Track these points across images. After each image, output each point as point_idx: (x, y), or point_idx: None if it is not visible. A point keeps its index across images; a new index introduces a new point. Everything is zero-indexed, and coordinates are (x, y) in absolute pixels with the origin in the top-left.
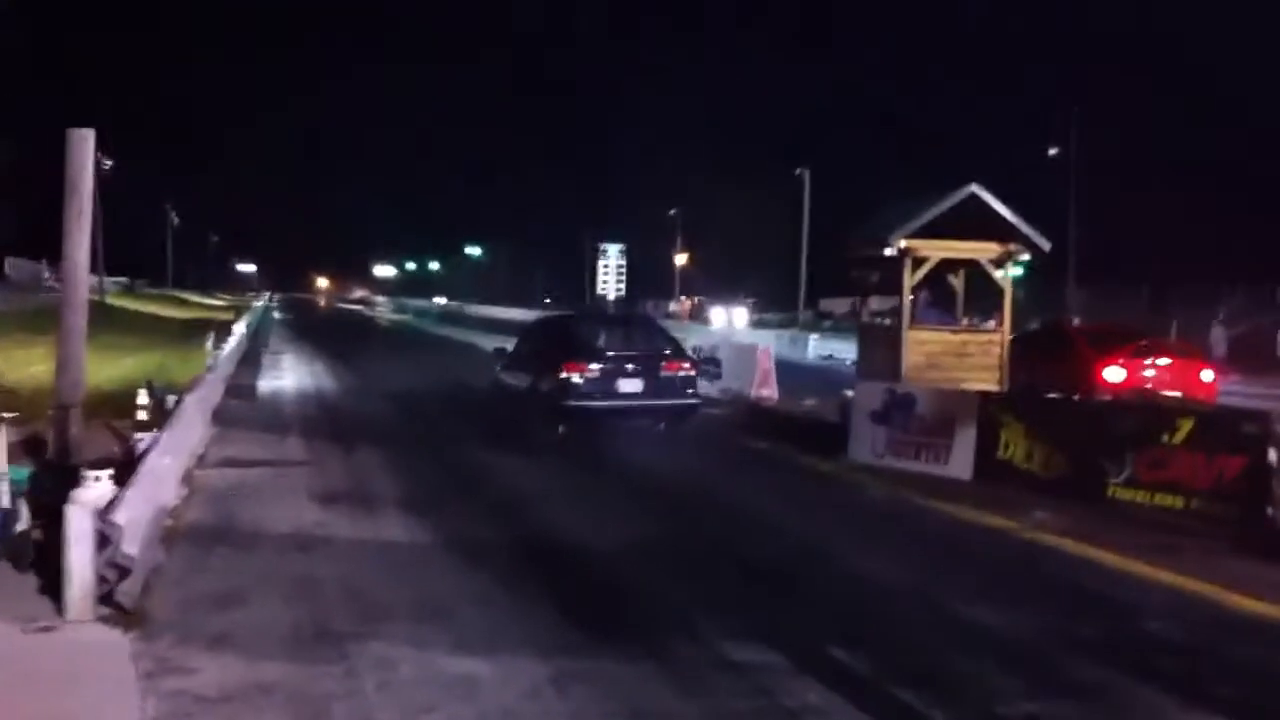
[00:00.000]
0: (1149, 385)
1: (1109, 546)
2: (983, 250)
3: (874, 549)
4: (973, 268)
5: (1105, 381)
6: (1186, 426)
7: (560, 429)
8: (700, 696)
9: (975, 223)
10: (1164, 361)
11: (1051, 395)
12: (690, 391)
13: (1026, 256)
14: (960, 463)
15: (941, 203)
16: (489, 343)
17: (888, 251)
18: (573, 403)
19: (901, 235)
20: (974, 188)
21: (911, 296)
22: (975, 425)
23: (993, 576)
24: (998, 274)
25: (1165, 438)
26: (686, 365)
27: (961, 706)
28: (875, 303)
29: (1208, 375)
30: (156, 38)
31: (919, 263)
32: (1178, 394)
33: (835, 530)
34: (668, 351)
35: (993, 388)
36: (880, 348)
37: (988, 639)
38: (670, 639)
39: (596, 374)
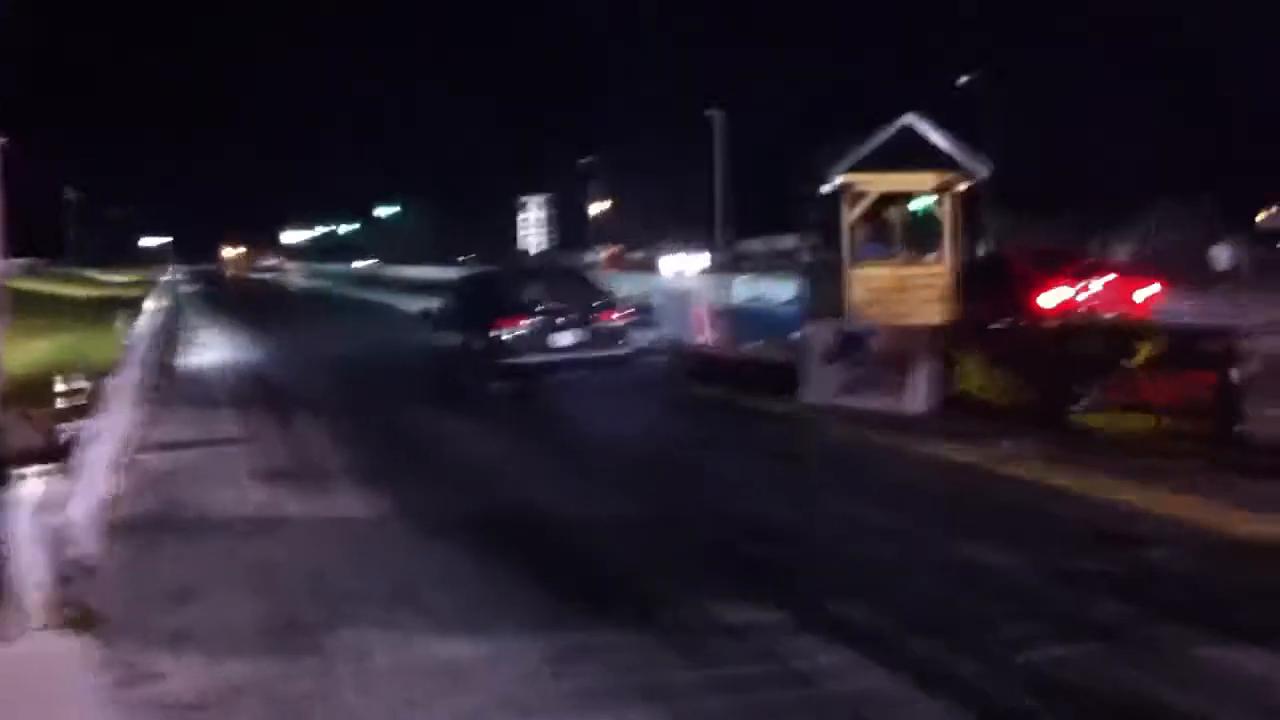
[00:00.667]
0: (1085, 307)
1: (1085, 473)
2: (921, 181)
3: (848, 492)
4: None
5: (1040, 307)
6: (1147, 349)
7: (495, 386)
8: (707, 665)
9: (913, 154)
10: (1098, 284)
11: (1005, 324)
12: (622, 342)
13: (963, 186)
14: (918, 397)
15: (878, 136)
16: (411, 304)
17: (825, 188)
18: (506, 360)
19: (840, 170)
20: (910, 118)
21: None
22: (931, 359)
23: (977, 513)
24: (936, 205)
25: (1128, 360)
26: (618, 315)
27: (985, 656)
28: (789, 242)
29: (1140, 295)
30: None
31: (858, 197)
32: (1114, 314)
33: (805, 476)
34: (598, 303)
35: (939, 321)
36: (825, 286)
37: (989, 580)
38: (661, 605)
39: (527, 330)
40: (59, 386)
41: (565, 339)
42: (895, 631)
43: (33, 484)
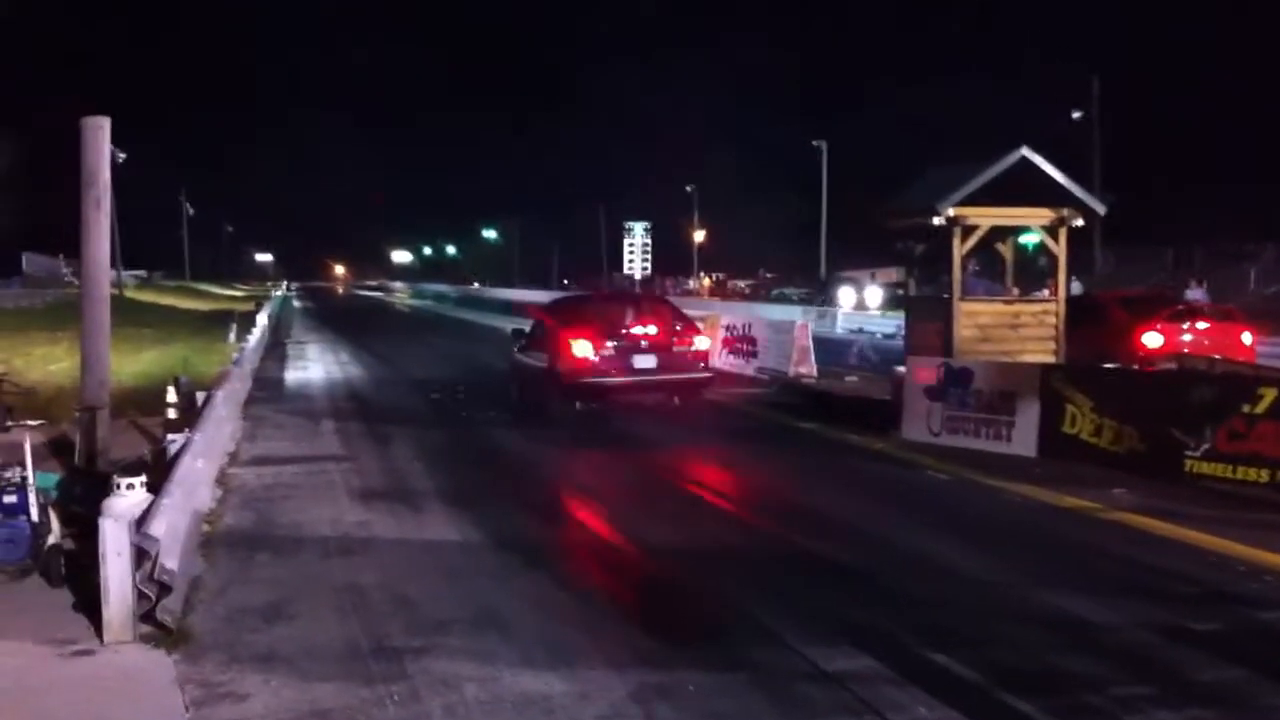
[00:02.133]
0: (1186, 350)
1: (1200, 526)
2: (1035, 216)
3: (949, 536)
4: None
5: (1144, 348)
6: (1270, 395)
7: (577, 405)
8: (799, 713)
9: (1025, 188)
10: (1202, 325)
11: (1119, 366)
12: (702, 365)
13: (1080, 222)
14: (1024, 439)
15: (991, 168)
16: (509, 325)
17: (936, 220)
18: (588, 380)
19: (950, 203)
20: (1024, 151)
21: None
22: (1039, 399)
23: (1083, 564)
24: (1052, 241)
25: (1246, 408)
26: (697, 341)
27: (1089, 717)
28: (893, 274)
29: (1247, 338)
30: (169, 25)
31: (969, 231)
32: (1217, 357)
33: (903, 517)
34: (679, 327)
35: (1049, 359)
36: (930, 321)
37: (1095, 636)
38: (752, 646)
39: (611, 351)
40: (169, 397)
41: (646, 361)
42: (994, 686)
43: (136, 495)
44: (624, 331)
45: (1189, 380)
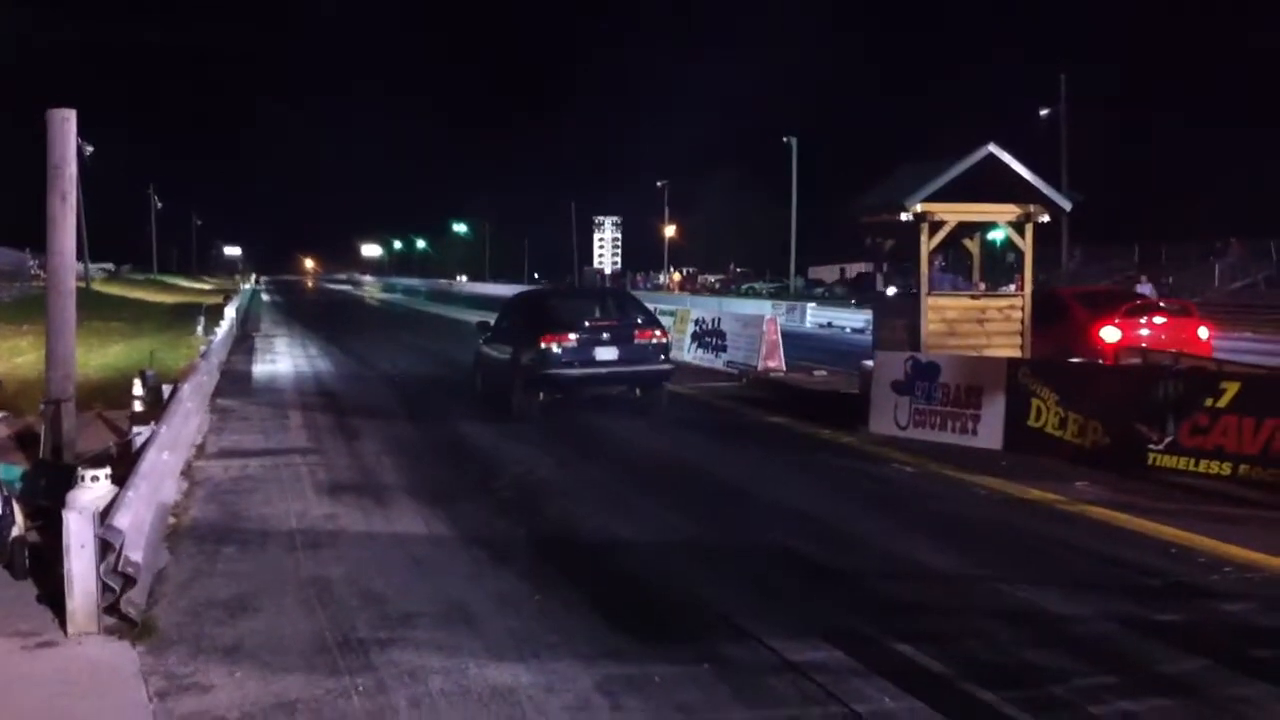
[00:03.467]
0: (1144, 345)
1: (1163, 518)
2: (1002, 213)
3: (915, 529)
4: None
5: (1102, 342)
6: (1232, 390)
7: (541, 395)
8: (766, 705)
9: (992, 185)
10: (1159, 321)
11: (1084, 360)
12: (663, 358)
13: (1046, 218)
14: (990, 433)
15: (958, 164)
16: (477, 318)
17: (904, 216)
18: (551, 371)
19: (918, 199)
20: (991, 148)
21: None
22: (1004, 393)
23: (1048, 556)
24: (1018, 237)
25: (1209, 402)
26: (658, 333)
27: (1053, 709)
28: (860, 269)
29: (1204, 332)
30: (135, 14)
31: (936, 227)
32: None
33: (870, 510)
34: (640, 320)
35: (1015, 354)
36: (897, 316)
37: (1059, 627)
38: (718, 639)
39: (573, 343)
40: (136, 390)
41: (608, 354)
42: (959, 677)
43: (101, 488)
44: (586, 324)
45: (1153, 375)
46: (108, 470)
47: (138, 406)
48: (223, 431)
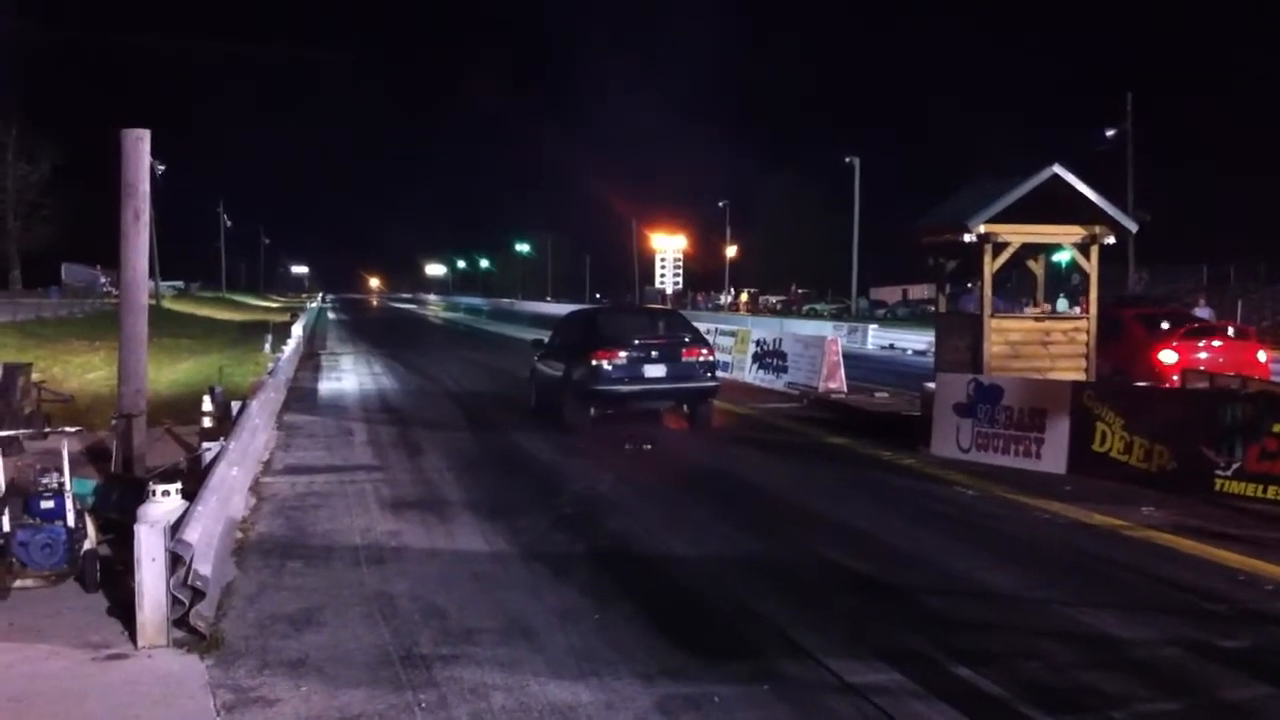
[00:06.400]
0: (1203, 367)
1: (1229, 544)
2: (1066, 234)
3: (978, 552)
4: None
5: (1160, 364)
6: None
7: (592, 411)
8: None
9: (1057, 205)
10: (1217, 343)
11: (1150, 384)
12: (710, 375)
13: (1111, 239)
14: (1054, 456)
15: (1022, 185)
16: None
17: (967, 237)
18: (602, 387)
19: (981, 220)
20: (1056, 168)
21: (971, 286)
22: (1069, 416)
23: (1112, 581)
24: (1083, 259)
25: (1277, 427)
26: (705, 351)
27: None
28: (923, 291)
29: (1262, 356)
30: (205, 40)
31: (1000, 248)
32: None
33: (932, 532)
34: (688, 339)
35: (1079, 376)
36: (960, 337)
37: (1122, 652)
38: (778, 659)
39: (623, 360)
40: (205, 406)
41: (656, 370)
42: (1019, 701)
43: (171, 502)
44: (635, 342)
45: (1220, 398)
46: (178, 485)
47: (206, 422)
48: (289, 447)
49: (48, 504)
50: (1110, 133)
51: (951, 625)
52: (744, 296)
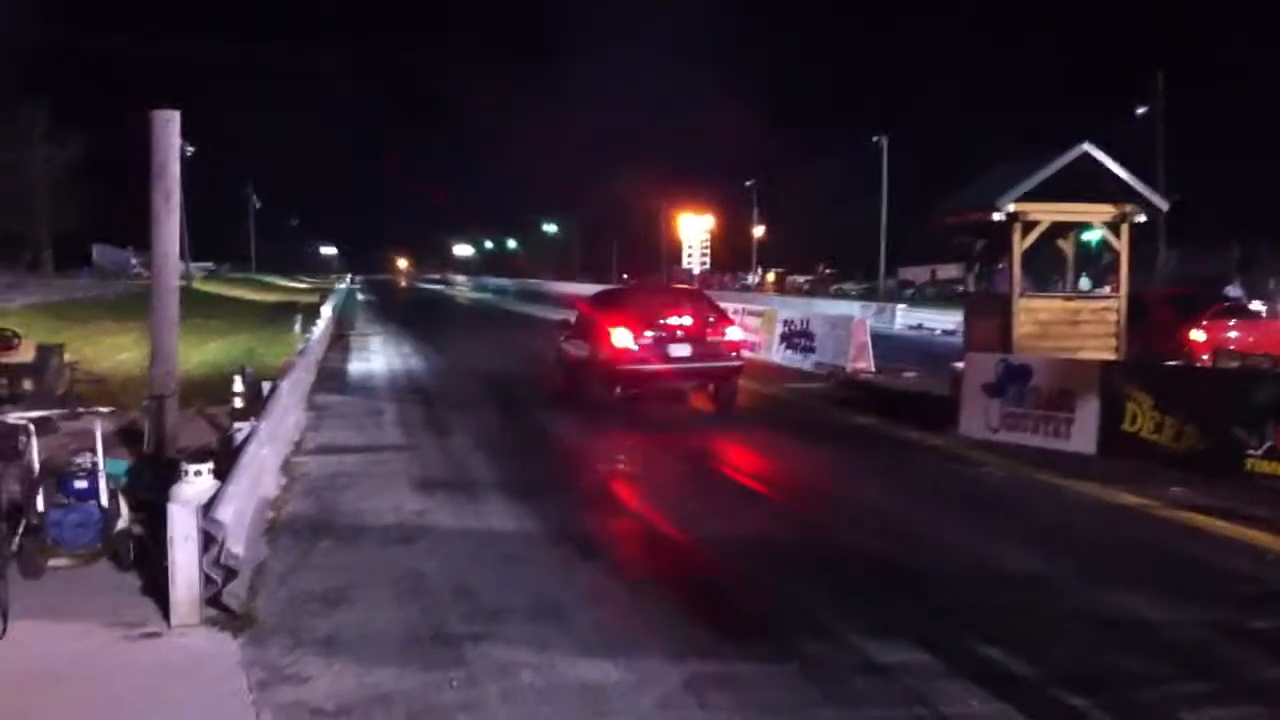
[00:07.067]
0: (1232, 347)
1: (1258, 525)
2: (1097, 212)
3: (1004, 532)
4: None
5: (1190, 343)
6: None
7: (617, 390)
8: (851, 705)
9: (1086, 184)
10: (1245, 323)
11: (1181, 364)
12: (735, 354)
13: (1142, 218)
14: (1083, 437)
15: (1052, 164)
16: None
17: (996, 216)
18: (626, 366)
19: (1011, 199)
20: (1087, 146)
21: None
22: (1099, 397)
23: (1141, 561)
24: (1113, 237)
25: None
26: (730, 331)
27: (1143, 715)
28: (951, 270)
29: None
30: (233, 19)
31: (1029, 227)
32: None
33: (960, 513)
34: (712, 319)
35: (1109, 356)
36: (988, 317)
37: (1151, 633)
38: (805, 638)
39: (648, 340)
40: (236, 387)
41: (681, 350)
42: (1047, 682)
43: (204, 482)
44: (660, 322)
45: (1252, 379)
46: (210, 465)
47: (238, 403)
48: (320, 428)
49: (81, 484)
50: (1140, 110)
51: (979, 606)
52: (771, 276)
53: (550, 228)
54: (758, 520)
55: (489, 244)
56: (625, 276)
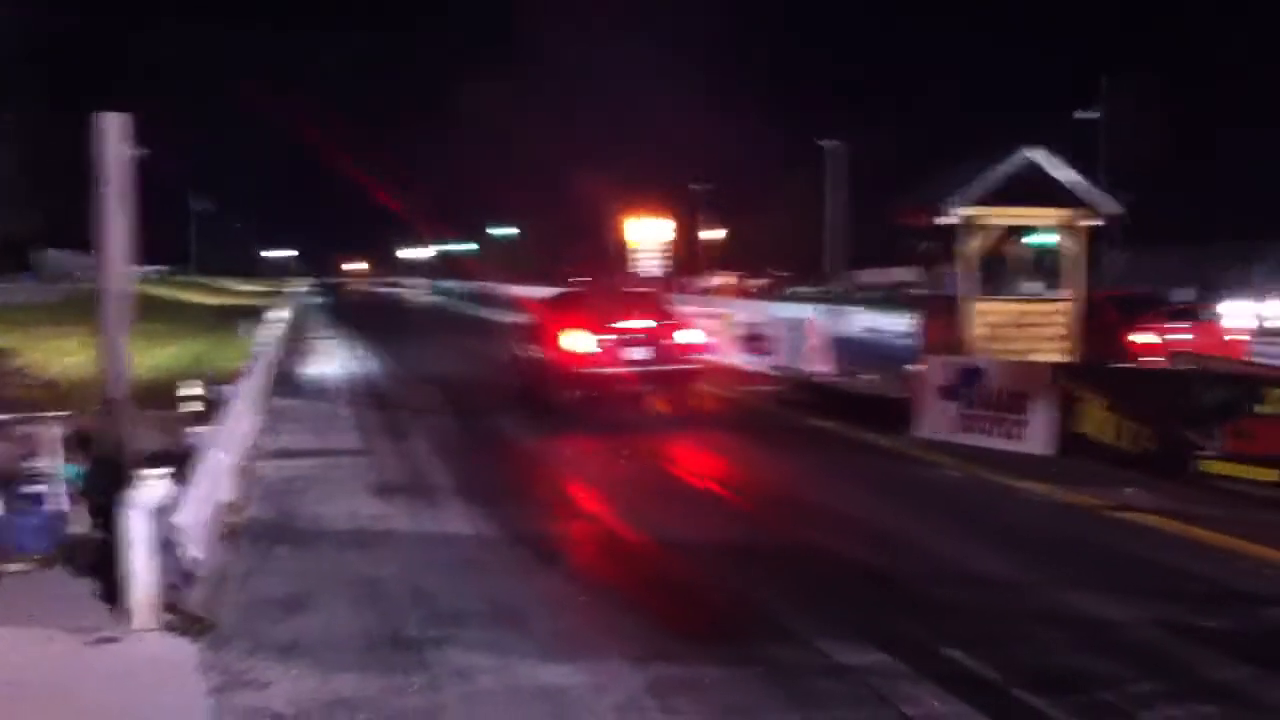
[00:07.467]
0: (1181, 349)
1: (1209, 525)
2: (1047, 216)
3: (962, 534)
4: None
5: (1134, 345)
6: (1277, 396)
7: (576, 394)
8: (814, 706)
9: (1037, 188)
10: (1192, 324)
11: (1131, 365)
12: (692, 357)
13: (1096, 221)
14: (1036, 438)
15: (1000, 166)
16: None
17: (945, 220)
18: (583, 370)
19: (962, 203)
20: (1034, 151)
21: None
22: (1050, 398)
23: (1095, 561)
24: (1066, 241)
25: (1256, 408)
26: (688, 333)
27: (1102, 714)
28: (904, 274)
29: (1230, 337)
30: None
31: (980, 231)
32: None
33: (917, 514)
34: (671, 321)
35: (1062, 358)
36: (941, 320)
37: (1103, 632)
38: (767, 641)
39: (605, 343)
40: (191, 391)
41: (639, 353)
42: (1007, 682)
43: (158, 485)
44: (616, 324)
45: (1201, 379)
46: (167, 469)
47: (194, 407)
48: (276, 432)
49: (37, 488)
50: (1088, 114)
51: (940, 607)
52: (728, 279)
53: (504, 231)
54: (718, 523)
55: (441, 247)
56: (580, 279)
